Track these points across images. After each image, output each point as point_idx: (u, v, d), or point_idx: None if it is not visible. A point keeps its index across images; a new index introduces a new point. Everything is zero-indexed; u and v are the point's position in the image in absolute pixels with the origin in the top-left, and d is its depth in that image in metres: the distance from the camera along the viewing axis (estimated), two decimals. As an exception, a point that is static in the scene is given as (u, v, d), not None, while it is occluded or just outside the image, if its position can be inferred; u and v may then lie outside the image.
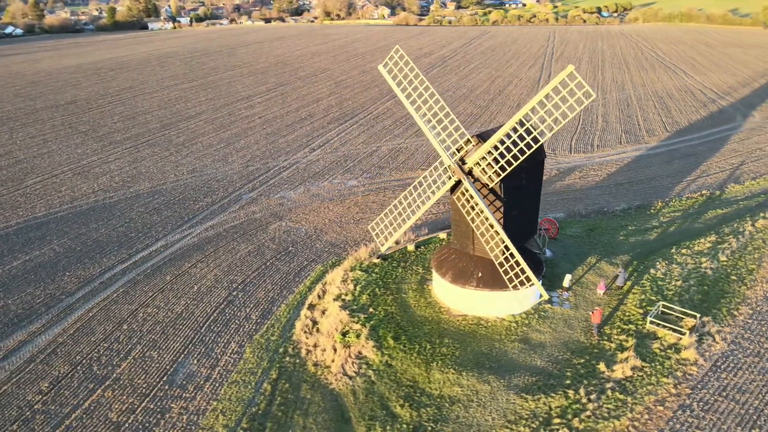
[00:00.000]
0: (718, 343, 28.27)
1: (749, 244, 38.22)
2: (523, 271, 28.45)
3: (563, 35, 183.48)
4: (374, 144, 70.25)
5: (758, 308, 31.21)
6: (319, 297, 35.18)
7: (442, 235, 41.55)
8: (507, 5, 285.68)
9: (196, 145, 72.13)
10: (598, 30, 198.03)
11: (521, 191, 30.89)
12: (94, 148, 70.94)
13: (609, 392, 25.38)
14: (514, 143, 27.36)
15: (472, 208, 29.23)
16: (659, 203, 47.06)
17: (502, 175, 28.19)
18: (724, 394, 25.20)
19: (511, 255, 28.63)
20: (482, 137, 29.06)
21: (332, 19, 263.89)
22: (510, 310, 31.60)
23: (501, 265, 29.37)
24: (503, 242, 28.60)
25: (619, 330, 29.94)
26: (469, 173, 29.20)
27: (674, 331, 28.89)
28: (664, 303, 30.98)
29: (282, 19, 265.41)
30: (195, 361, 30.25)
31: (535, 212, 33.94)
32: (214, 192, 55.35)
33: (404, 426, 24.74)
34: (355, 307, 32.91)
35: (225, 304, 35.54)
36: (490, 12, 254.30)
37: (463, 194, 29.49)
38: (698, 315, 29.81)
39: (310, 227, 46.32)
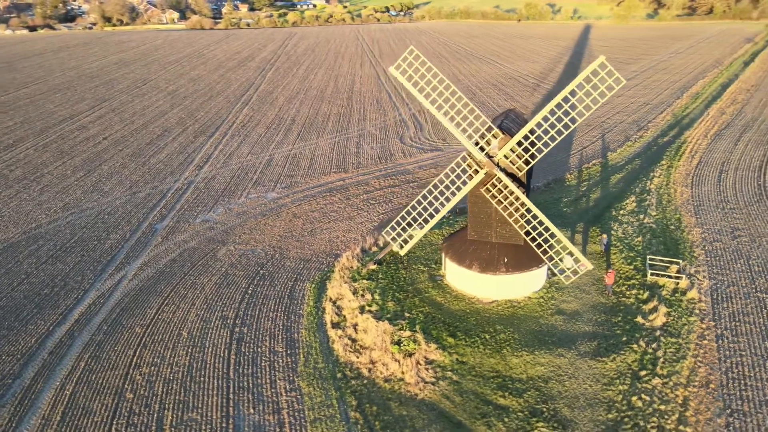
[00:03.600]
0: (703, 281, 33.90)
1: (661, 198, 45.89)
2: (564, 248, 30.67)
3: (368, 34, 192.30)
4: (263, 153, 66.90)
5: (706, 248, 37.97)
6: (336, 314, 33.28)
7: (416, 231, 42.02)
8: (298, 6, 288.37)
9: (46, 177, 61.18)
10: (396, 28, 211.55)
11: (529, 174, 33.07)
12: None
13: (662, 339, 28.94)
14: (545, 131, 29.29)
15: (505, 197, 30.53)
16: (569, 175, 53.51)
17: (532, 162, 29.98)
18: (738, 318, 30.54)
19: (552, 235, 30.67)
20: (505, 129, 30.42)
21: (114, 26, 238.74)
22: (533, 288, 33.73)
23: (539, 246, 31.26)
24: (542, 224, 30.49)
25: (627, 286, 34.01)
26: (497, 164, 30.39)
27: (671, 277, 33.80)
28: (650, 256, 35.95)
29: (51, 27, 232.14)
30: (251, 410, 26.65)
31: (528, 193, 36.45)
32: (116, 227, 47.82)
33: (519, 414, 25.26)
34: (389, 315, 31.94)
35: (235, 343, 31.60)
36: (286, 14, 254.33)
37: (494, 185, 30.59)
38: (680, 261, 35.26)
39: (265, 247, 42.93)
